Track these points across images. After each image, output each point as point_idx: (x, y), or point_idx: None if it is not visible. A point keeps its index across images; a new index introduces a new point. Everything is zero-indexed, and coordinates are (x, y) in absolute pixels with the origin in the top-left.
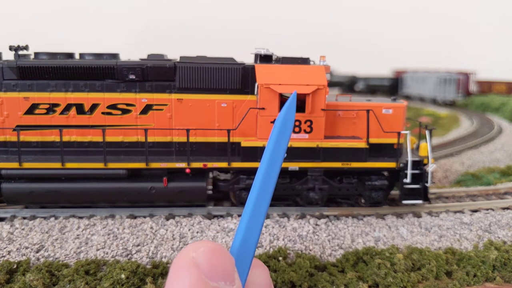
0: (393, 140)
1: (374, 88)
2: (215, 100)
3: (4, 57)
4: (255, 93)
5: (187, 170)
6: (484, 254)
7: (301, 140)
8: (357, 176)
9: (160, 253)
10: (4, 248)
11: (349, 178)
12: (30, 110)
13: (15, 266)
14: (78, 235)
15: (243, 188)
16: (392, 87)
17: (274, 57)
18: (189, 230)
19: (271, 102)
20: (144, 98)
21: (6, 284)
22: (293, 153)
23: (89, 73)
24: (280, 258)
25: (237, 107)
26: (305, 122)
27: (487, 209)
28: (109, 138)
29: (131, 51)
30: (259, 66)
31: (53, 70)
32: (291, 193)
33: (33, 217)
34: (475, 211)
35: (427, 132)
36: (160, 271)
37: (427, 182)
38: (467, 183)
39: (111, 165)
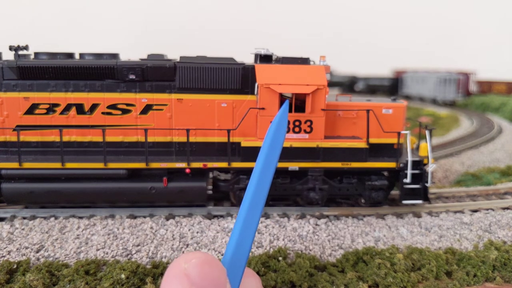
0: (393, 140)
1: (374, 88)
2: (215, 100)
3: (4, 57)
4: (255, 93)
5: (187, 170)
6: (484, 254)
7: (301, 140)
8: (357, 176)
9: (160, 253)
10: (4, 248)
11: (349, 178)
12: (30, 110)
13: (15, 266)
14: (78, 235)
15: (243, 188)
16: (392, 87)
17: (274, 57)
18: (189, 230)
19: (271, 102)
20: (144, 98)
21: (6, 284)
22: (293, 153)
23: (89, 73)
24: (280, 258)
25: (237, 107)
26: (305, 122)
27: (487, 209)
28: (109, 138)
29: (131, 51)
30: (259, 66)
31: (53, 70)
32: (291, 193)
33: (33, 217)
34: (475, 211)
35: (427, 132)
36: (160, 271)
37: (427, 182)
38: (467, 183)
39: (111, 165)
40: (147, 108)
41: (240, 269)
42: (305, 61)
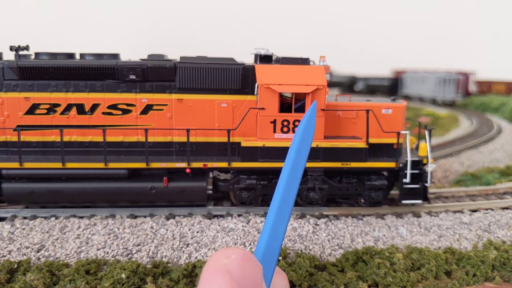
0: (392, 140)
1: (373, 88)
2: (215, 100)
3: (5, 57)
4: (255, 93)
5: (187, 170)
6: (483, 254)
7: None
8: (357, 176)
9: (161, 252)
10: (5, 248)
11: (348, 178)
12: (31, 110)
13: (15, 266)
14: (78, 234)
15: (243, 188)
16: (392, 87)
17: (274, 57)
18: (189, 230)
19: (271, 102)
20: (145, 98)
21: (6, 283)
22: None
23: (89, 73)
24: (280, 258)
25: (237, 107)
26: None
27: (487, 209)
28: (109, 138)
29: (132, 51)
30: (259, 66)
31: (54, 70)
32: None
33: (34, 217)
34: (475, 211)
35: (426, 132)
36: (160, 270)
37: (426, 182)
38: (467, 183)
39: (112, 165)
40: (147, 108)
41: (271, 267)
42: (305, 61)
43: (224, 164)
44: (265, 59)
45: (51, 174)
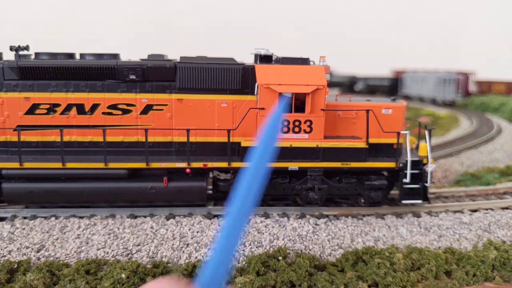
0: (392, 140)
1: (373, 88)
2: (215, 100)
3: (5, 58)
4: (255, 93)
5: (187, 170)
6: (483, 254)
7: (300, 140)
8: (357, 176)
9: (161, 252)
10: (5, 248)
11: (348, 178)
12: (31, 110)
13: (15, 266)
14: (78, 234)
15: None
16: (392, 87)
17: (274, 57)
18: (189, 229)
19: (271, 102)
20: (145, 98)
21: (7, 283)
22: (292, 153)
23: (89, 73)
24: (280, 258)
25: (237, 107)
26: (305, 122)
27: (487, 209)
28: (109, 138)
29: (132, 51)
30: (259, 66)
31: (54, 70)
32: (291, 193)
33: (34, 217)
34: (475, 211)
35: (426, 132)
36: (160, 270)
37: (426, 182)
38: (467, 183)
39: (112, 165)
40: (147, 108)
41: None
42: (305, 61)
43: (224, 164)
44: (265, 59)
45: (51, 174)
